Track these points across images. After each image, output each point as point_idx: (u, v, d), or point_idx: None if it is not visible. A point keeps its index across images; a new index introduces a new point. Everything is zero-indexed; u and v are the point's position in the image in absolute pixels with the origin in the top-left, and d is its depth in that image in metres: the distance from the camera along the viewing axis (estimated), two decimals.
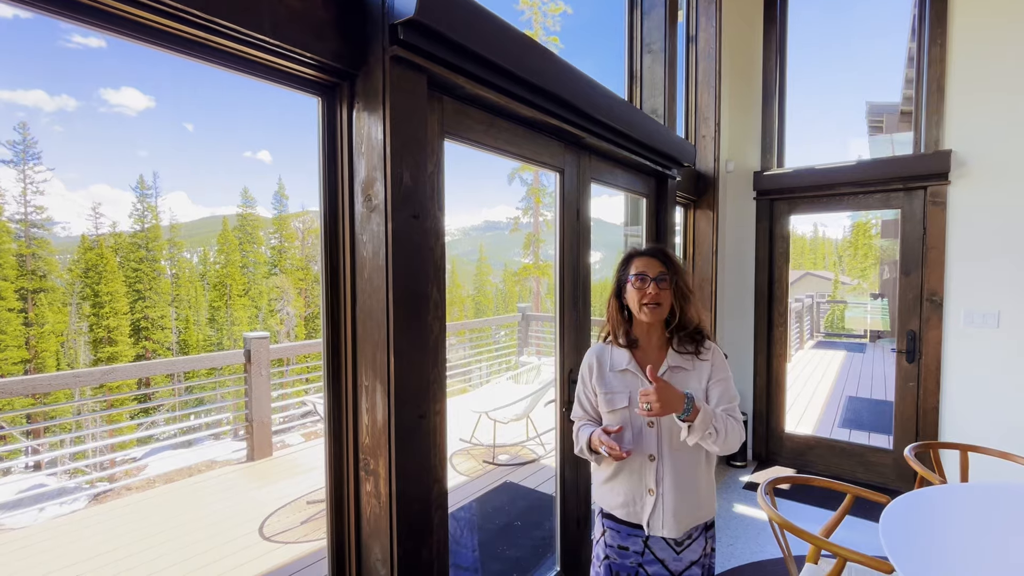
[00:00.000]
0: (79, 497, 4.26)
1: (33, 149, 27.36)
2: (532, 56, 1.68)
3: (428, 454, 1.46)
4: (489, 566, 2.73)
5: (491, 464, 4.22)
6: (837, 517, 1.91)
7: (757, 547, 2.87)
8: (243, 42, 1.17)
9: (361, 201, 1.38)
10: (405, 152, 1.34)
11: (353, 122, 1.39)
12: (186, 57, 1.15)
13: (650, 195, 2.93)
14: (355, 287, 1.41)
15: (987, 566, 1.40)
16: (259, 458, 4.33)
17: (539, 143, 2.01)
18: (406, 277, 1.35)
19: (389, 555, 1.37)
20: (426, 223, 1.42)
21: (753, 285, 4.08)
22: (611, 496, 1.49)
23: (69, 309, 26.74)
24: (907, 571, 1.34)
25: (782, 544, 1.80)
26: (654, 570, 1.44)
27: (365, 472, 1.42)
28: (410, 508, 1.39)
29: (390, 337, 1.32)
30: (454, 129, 1.60)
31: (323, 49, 1.28)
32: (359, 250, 1.39)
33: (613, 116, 2.16)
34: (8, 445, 4.91)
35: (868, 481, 3.71)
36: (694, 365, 1.44)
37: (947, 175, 3.24)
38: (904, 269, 3.50)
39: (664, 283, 1.40)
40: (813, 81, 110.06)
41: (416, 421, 1.41)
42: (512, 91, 1.66)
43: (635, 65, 3.11)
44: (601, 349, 1.53)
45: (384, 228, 1.31)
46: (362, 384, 1.41)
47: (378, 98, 1.31)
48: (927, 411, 3.39)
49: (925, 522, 1.61)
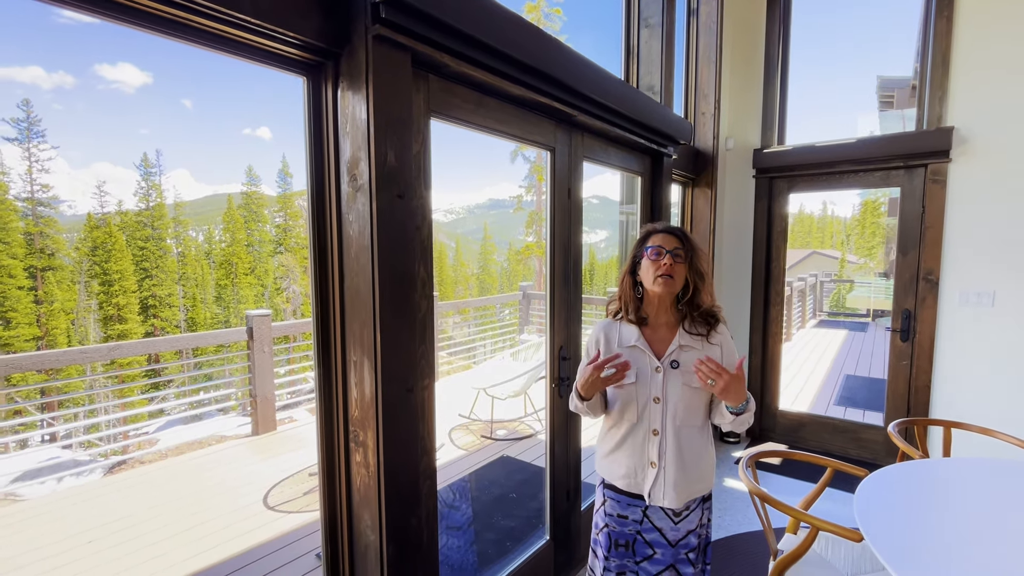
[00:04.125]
0: (93, 469, 4.41)
1: (37, 127, 27.31)
2: (519, 34, 1.67)
3: (416, 427, 1.51)
4: (484, 535, 2.83)
5: (489, 439, 4.32)
6: (817, 490, 1.97)
7: (745, 520, 2.95)
8: (225, 22, 1.18)
9: (347, 180, 1.40)
10: (389, 131, 1.35)
11: (338, 101, 1.40)
12: (170, 38, 1.16)
13: (645, 173, 2.92)
14: (343, 265, 1.44)
15: (952, 536, 1.45)
16: (263, 432, 4.45)
17: (530, 121, 2.01)
18: (392, 256, 1.38)
19: (378, 523, 1.43)
20: (412, 202, 1.44)
21: (751, 264, 4.08)
22: (614, 467, 1.54)
23: (78, 287, 27.07)
24: (875, 540, 1.39)
25: (761, 516, 1.86)
26: (652, 537, 1.51)
27: (355, 444, 1.47)
28: (398, 478, 1.45)
29: (376, 314, 1.36)
30: (440, 108, 1.61)
31: (306, 28, 1.28)
32: (346, 229, 1.42)
33: (605, 94, 2.14)
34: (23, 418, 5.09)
35: (859, 457, 3.78)
36: (704, 347, 1.46)
37: (948, 153, 3.20)
38: (902, 248, 3.49)
39: (679, 257, 1.43)
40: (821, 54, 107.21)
41: (404, 395, 1.45)
42: (500, 69, 1.65)
43: (632, 40, 3.06)
44: (609, 325, 1.56)
45: (369, 207, 1.34)
46: (351, 359, 1.45)
47: (361, 77, 1.32)
48: (919, 389, 3.42)
49: (899, 494, 1.65)
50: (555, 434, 2.29)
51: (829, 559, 1.83)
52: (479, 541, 2.78)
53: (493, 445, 4.19)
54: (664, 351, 1.48)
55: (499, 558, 2.60)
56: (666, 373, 1.46)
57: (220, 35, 1.22)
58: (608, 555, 1.55)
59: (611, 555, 1.55)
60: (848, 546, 1.88)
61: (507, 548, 2.70)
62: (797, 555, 1.59)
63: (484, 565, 2.58)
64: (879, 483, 1.72)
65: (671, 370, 1.46)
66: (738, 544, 2.72)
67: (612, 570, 1.55)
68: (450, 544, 2.77)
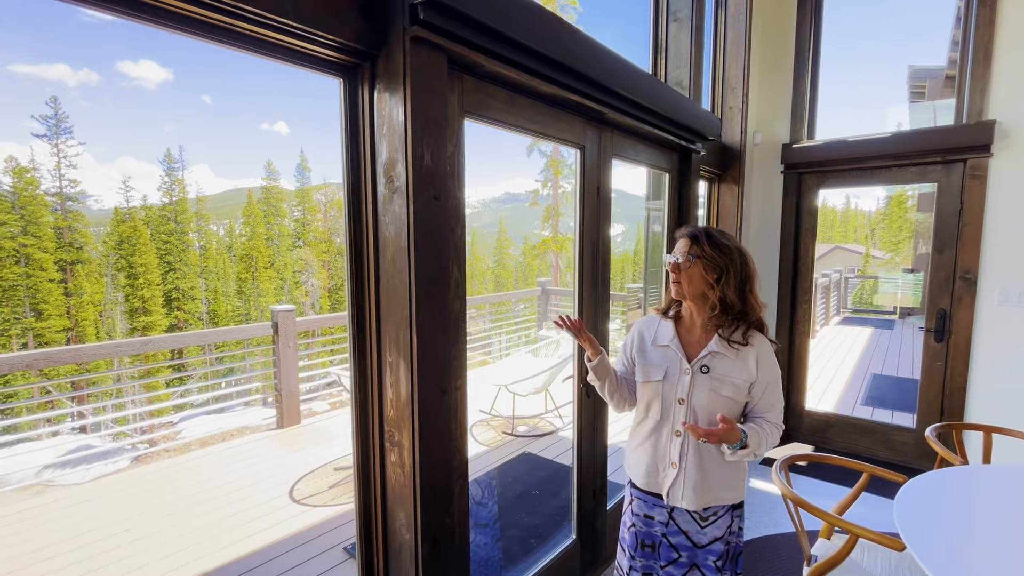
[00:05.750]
0: (123, 458, 4.54)
1: (65, 123, 28.03)
2: (553, 32, 1.65)
3: (449, 427, 1.52)
4: (508, 532, 2.84)
5: (510, 435, 4.33)
6: (852, 495, 1.93)
7: (771, 521, 2.91)
8: (266, 25, 1.18)
9: (383, 183, 1.40)
10: (426, 133, 1.35)
11: (375, 103, 1.40)
12: (210, 42, 1.17)
13: (673, 170, 2.88)
14: (378, 267, 1.45)
15: (1000, 548, 1.40)
16: (288, 425, 4.53)
17: (560, 120, 1.99)
18: (428, 258, 1.38)
19: (413, 521, 1.44)
20: (447, 204, 1.44)
21: (778, 261, 4.00)
22: (636, 464, 1.55)
23: (105, 280, 27.82)
24: (918, 549, 1.36)
25: (795, 520, 1.83)
26: (677, 540, 1.49)
27: (390, 443, 1.49)
28: (433, 478, 1.46)
29: (412, 316, 1.36)
30: (474, 108, 1.60)
31: (345, 30, 1.28)
32: (382, 231, 1.42)
33: (636, 90, 2.11)
34: (56, 410, 5.26)
35: (889, 460, 3.70)
36: (737, 355, 1.42)
37: (989, 147, 3.09)
38: (937, 246, 3.38)
39: (688, 262, 1.41)
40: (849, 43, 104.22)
41: (438, 396, 1.46)
42: (533, 68, 1.64)
43: (660, 34, 3.01)
44: (649, 321, 1.60)
45: (406, 210, 1.34)
46: (386, 360, 1.46)
47: (399, 79, 1.32)
48: (953, 391, 3.33)
49: (941, 502, 1.61)
50: (582, 433, 2.29)
51: (865, 565, 1.80)
52: (504, 538, 2.79)
53: (514, 441, 4.21)
54: (696, 354, 1.46)
55: (523, 556, 2.61)
56: (694, 376, 1.44)
57: (261, 39, 1.22)
58: (634, 555, 1.55)
59: (637, 555, 1.55)
60: (884, 553, 1.84)
61: (531, 546, 2.71)
62: (835, 562, 1.57)
63: (509, 563, 2.59)
64: (919, 490, 1.68)
65: (700, 374, 1.43)
66: (765, 547, 2.68)
67: (638, 570, 1.55)
68: (476, 541, 2.79)
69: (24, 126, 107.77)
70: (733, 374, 1.42)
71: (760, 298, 1.48)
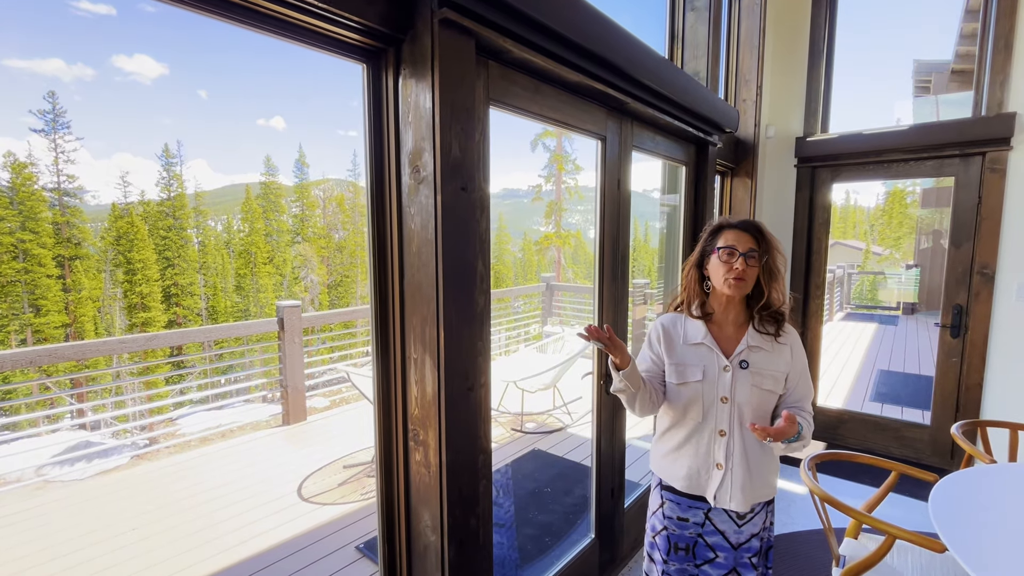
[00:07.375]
0: (123, 455, 4.49)
1: (62, 118, 27.79)
2: (581, 16, 1.60)
3: (475, 425, 1.47)
4: (523, 530, 2.80)
5: (519, 432, 4.29)
6: (881, 493, 1.89)
7: (788, 519, 2.88)
8: (292, 6, 1.13)
9: (408, 172, 1.35)
10: (454, 121, 1.30)
11: (400, 90, 1.34)
12: (236, 23, 1.12)
13: (689, 163, 2.83)
14: (403, 260, 1.40)
15: None
16: (294, 422, 4.48)
17: (582, 109, 1.93)
18: (455, 251, 1.33)
19: (439, 522, 1.40)
20: (473, 195, 1.39)
21: (791, 255, 3.96)
22: (674, 468, 1.48)
23: (103, 276, 27.68)
24: (960, 550, 1.32)
25: (823, 518, 1.79)
26: (714, 540, 1.46)
27: (415, 442, 1.44)
28: (459, 478, 1.41)
29: (439, 311, 1.32)
30: (499, 96, 1.54)
31: (370, 12, 1.23)
32: (406, 223, 1.37)
33: (659, 80, 2.06)
34: (56, 407, 5.20)
35: (903, 456, 3.67)
36: (773, 347, 1.41)
37: (1009, 140, 3.04)
38: (954, 240, 3.34)
39: (753, 260, 1.36)
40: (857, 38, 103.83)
41: (465, 393, 1.41)
42: (559, 54, 1.58)
43: (677, 24, 2.95)
44: (673, 319, 1.51)
45: (433, 200, 1.29)
46: (411, 357, 1.41)
47: (427, 64, 1.26)
48: (970, 387, 3.30)
49: (978, 501, 1.57)
50: (601, 431, 2.24)
51: (895, 566, 1.76)
52: (519, 537, 2.76)
53: (523, 438, 4.17)
54: (732, 350, 1.42)
55: (539, 555, 2.58)
56: (735, 373, 1.40)
57: (284, 19, 1.17)
58: (667, 559, 1.51)
59: (670, 559, 1.50)
60: (915, 553, 1.80)
61: (546, 544, 2.67)
62: (870, 563, 1.53)
63: (526, 561, 2.55)
64: (953, 489, 1.64)
65: (740, 370, 1.40)
66: (789, 544, 2.65)
67: (672, 574, 1.50)
68: (494, 540, 2.75)
69: (21, 121, 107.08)
70: (771, 366, 1.39)
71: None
